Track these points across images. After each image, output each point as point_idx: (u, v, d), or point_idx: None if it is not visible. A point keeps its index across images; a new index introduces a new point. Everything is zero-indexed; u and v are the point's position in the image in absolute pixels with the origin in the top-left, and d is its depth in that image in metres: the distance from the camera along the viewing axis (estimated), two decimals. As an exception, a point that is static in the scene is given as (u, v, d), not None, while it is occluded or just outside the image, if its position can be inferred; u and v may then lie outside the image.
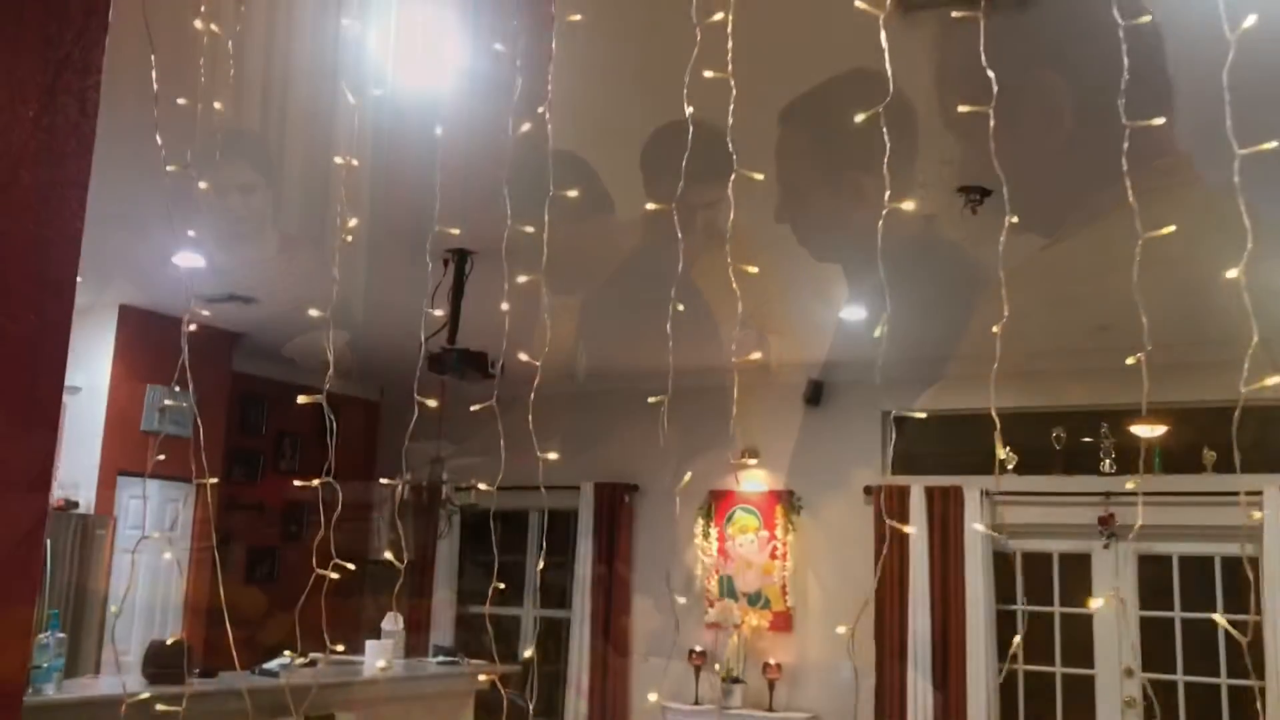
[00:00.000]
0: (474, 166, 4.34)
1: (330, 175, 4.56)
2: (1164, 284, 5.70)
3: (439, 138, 4.02)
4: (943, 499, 7.24)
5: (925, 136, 3.98)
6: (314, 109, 3.93)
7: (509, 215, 2.69)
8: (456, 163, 4.34)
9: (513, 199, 4.27)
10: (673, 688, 7.96)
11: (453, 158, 4.28)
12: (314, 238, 5.48)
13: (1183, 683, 6.67)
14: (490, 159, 4.15)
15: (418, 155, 4.19)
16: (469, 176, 4.47)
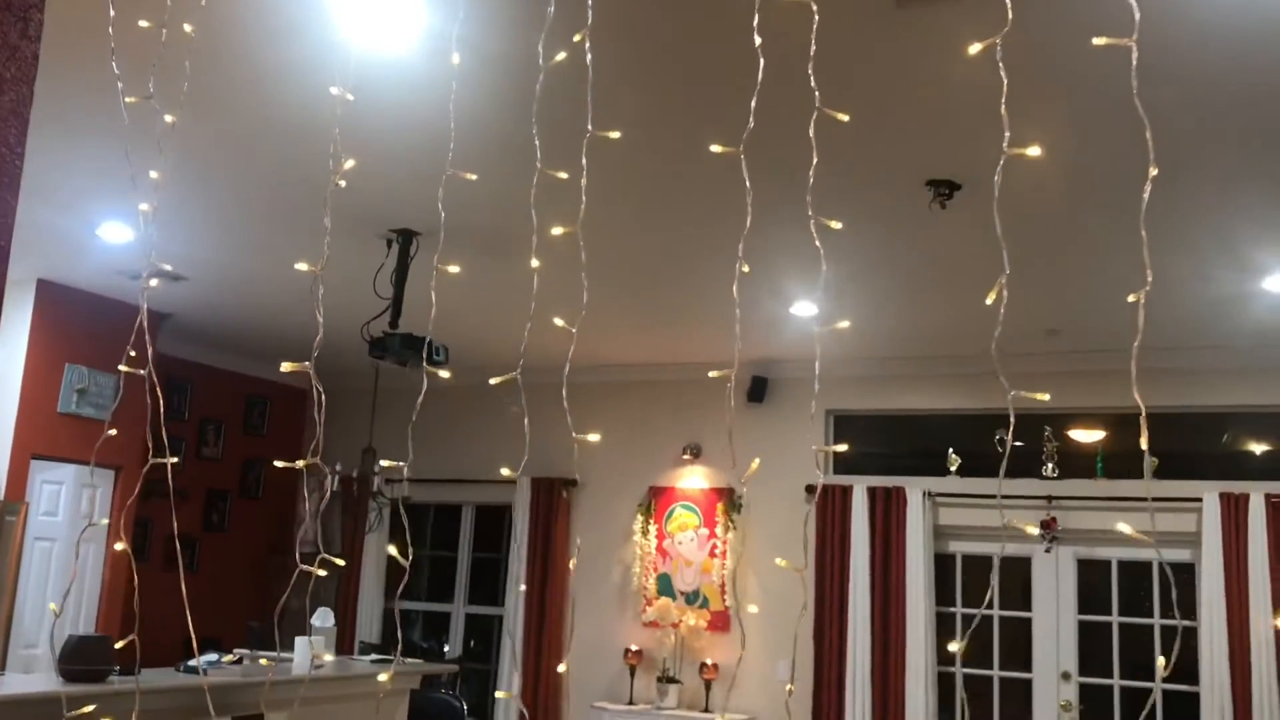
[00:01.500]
0: (420, 144, 4.15)
1: (279, 148, 4.33)
2: (1114, 290, 5.69)
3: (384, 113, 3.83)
4: (885, 499, 7.18)
5: (895, 128, 3.88)
6: (262, 80, 3.71)
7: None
8: (402, 140, 4.15)
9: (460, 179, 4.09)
10: (608, 687, 7.81)
11: (399, 134, 4.09)
12: (256, 213, 5.22)
13: (1119, 687, 6.70)
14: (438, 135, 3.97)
15: (364, 130, 3.99)
16: (414, 154, 4.29)
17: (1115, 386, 6.74)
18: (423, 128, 4.03)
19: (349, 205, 4.95)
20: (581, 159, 2.28)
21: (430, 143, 4.11)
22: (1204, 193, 4.34)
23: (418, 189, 4.69)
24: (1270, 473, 6.59)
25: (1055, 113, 3.68)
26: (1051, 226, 4.78)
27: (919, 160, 4.15)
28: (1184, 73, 3.35)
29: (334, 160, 2.38)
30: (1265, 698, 6.06)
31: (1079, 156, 4.01)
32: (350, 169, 2.74)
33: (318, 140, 4.12)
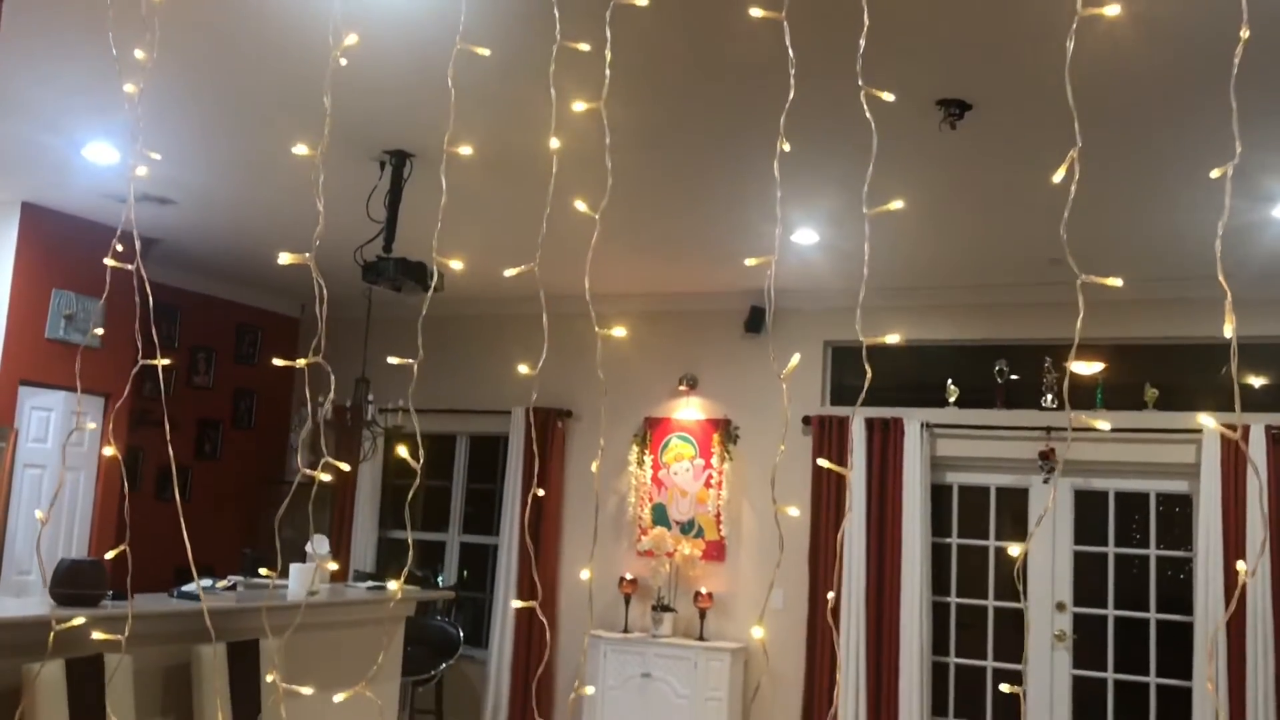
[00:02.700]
0: (414, 59, 4.02)
1: (268, 64, 4.18)
2: (1116, 221, 5.61)
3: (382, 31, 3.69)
4: (882, 430, 7.14)
5: (904, 44, 3.76)
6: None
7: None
8: (398, 58, 4.01)
9: (463, 95, 3.96)
10: (602, 616, 7.83)
11: (394, 53, 3.95)
12: (245, 133, 5.08)
13: (1113, 617, 6.72)
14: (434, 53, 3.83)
15: (359, 47, 3.84)
16: (407, 71, 4.15)
17: (1116, 317, 6.73)
18: (417, 41, 3.89)
19: (340, 126, 4.81)
20: (606, 30, 2.17)
21: (425, 58, 3.98)
22: (1219, 119, 4.23)
23: (411, 108, 4.56)
24: (1271, 405, 6.56)
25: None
26: (1059, 153, 4.66)
27: (929, 78, 4.02)
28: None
29: (333, 35, 2.26)
30: (1259, 630, 6.08)
31: (1091, 79, 3.89)
32: (348, 79, 2.63)
33: (309, 55, 3.98)
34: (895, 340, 2.19)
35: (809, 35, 3.57)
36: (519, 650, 7.89)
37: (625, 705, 7.23)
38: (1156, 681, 6.56)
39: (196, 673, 4.28)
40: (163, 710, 4.38)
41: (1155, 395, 6.69)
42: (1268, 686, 6.02)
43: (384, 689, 5.37)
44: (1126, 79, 3.93)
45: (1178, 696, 6.44)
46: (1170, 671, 6.51)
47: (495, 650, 7.95)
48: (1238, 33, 3.56)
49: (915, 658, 6.79)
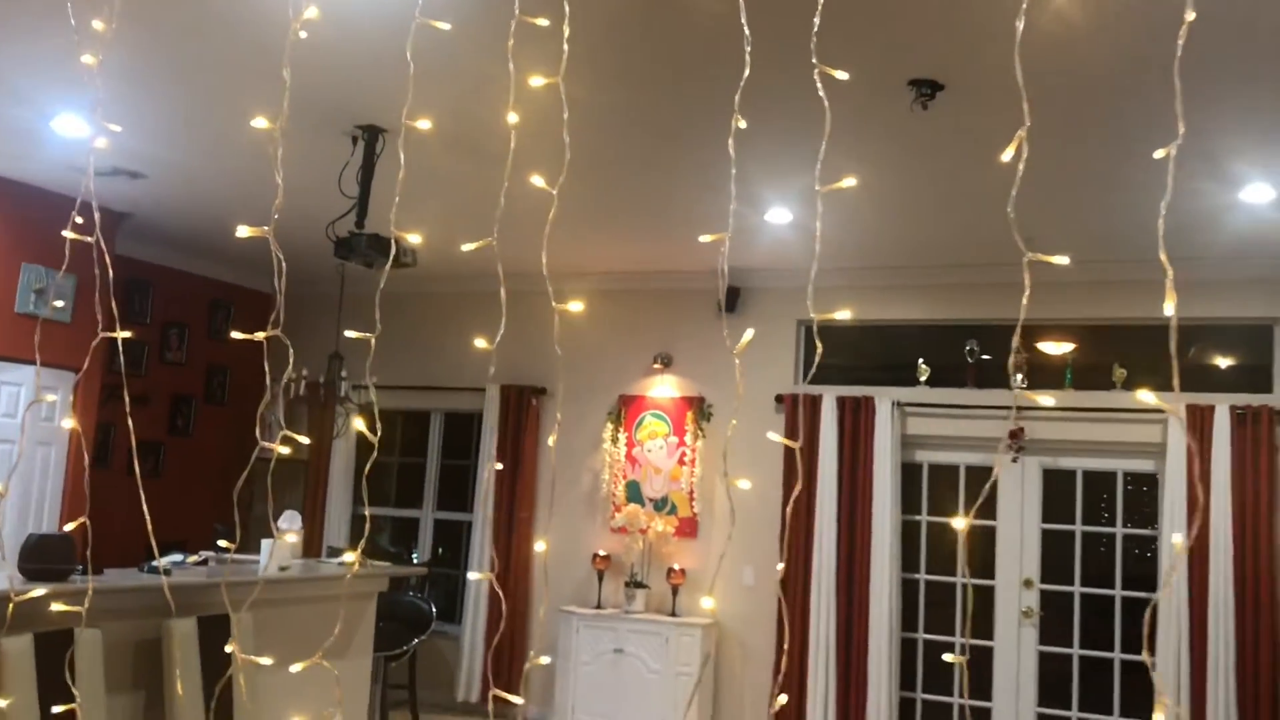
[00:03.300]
0: (386, 33, 3.99)
1: (237, 35, 4.15)
2: (1088, 202, 5.65)
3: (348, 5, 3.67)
4: (854, 409, 7.19)
5: (876, 22, 3.77)
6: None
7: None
8: (369, 32, 3.99)
9: (429, 72, 3.95)
10: (575, 591, 7.87)
11: (365, 27, 3.93)
12: (215, 107, 5.04)
13: (1079, 594, 6.81)
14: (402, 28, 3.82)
15: (328, 18, 3.83)
16: (379, 45, 4.13)
17: (1087, 298, 6.78)
18: (386, 15, 3.87)
19: (313, 100, 4.79)
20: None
21: (395, 32, 3.95)
22: (1186, 103, 4.26)
23: (383, 83, 4.54)
24: (1236, 385, 6.64)
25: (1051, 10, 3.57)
26: (1031, 134, 4.69)
27: (901, 58, 4.04)
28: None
29: (293, 8, 2.25)
30: (1221, 607, 6.17)
31: (1065, 58, 3.91)
32: (318, 54, 2.62)
33: (276, 28, 3.95)
34: (846, 316, 2.22)
35: (780, 13, 3.59)
36: (492, 625, 7.93)
37: (598, 680, 7.29)
38: (1120, 657, 6.66)
39: (166, 647, 4.29)
40: (134, 685, 4.39)
41: (1123, 375, 6.76)
42: (1228, 661, 6.12)
43: (356, 664, 5.39)
44: (1095, 62, 3.96)
45: (1141, 671, 6.54)
46: (1134, 647, 6.61)
47: (469, 625, 7.98)
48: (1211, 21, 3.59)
49: (884, 633, 6.86)
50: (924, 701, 7.07)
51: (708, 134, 4.93)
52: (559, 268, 7.95)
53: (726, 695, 7.40)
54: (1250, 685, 6.10)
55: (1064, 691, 6.77)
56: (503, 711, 7.95)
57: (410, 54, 2.27)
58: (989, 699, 6.90)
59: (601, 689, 7.23)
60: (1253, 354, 6.71)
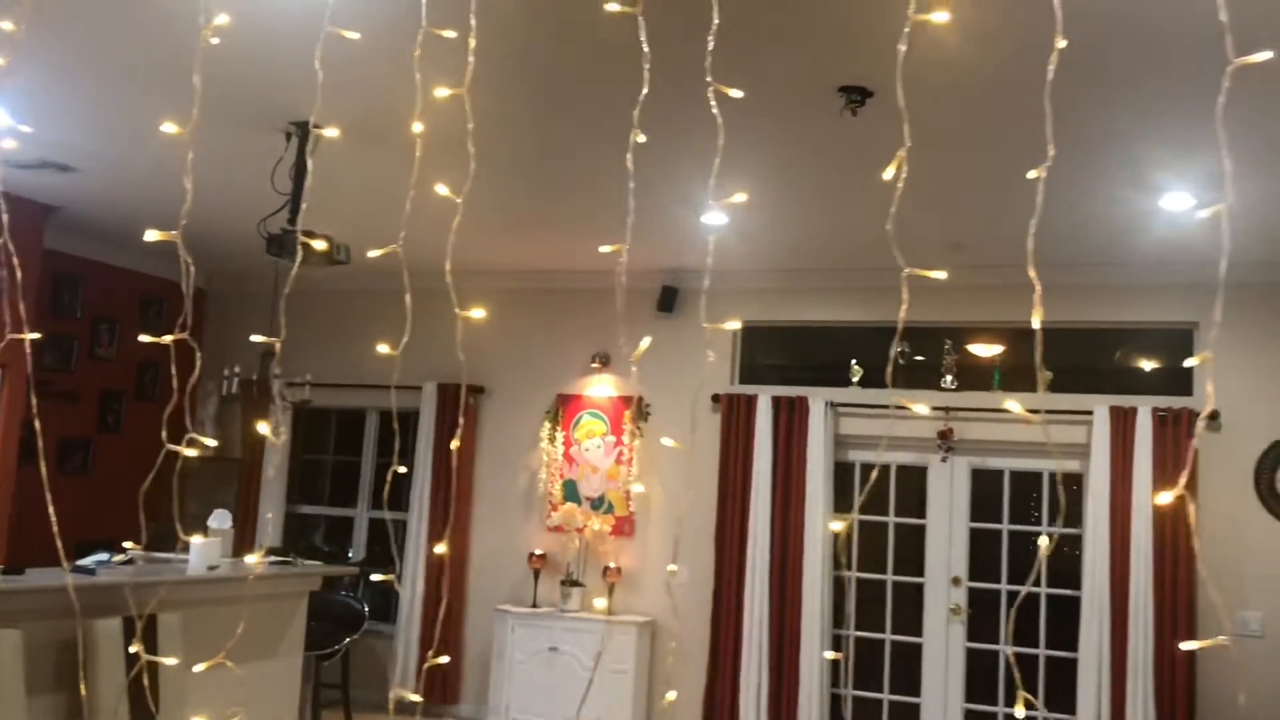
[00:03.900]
0: (312, 33, 3.96)
1: (166, 30, 4.11)
2: (1016, 206, 5.76)
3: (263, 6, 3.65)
4: (788, 409, 7.27)
5: (806, 32, 3.83)
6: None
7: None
8: (295, 29, 3.97)
9: (370, 70, 3.94)
10: (511, 591, 7.88)
11: (291, 23, 3.91)
12: (145, 101, 4.98)
13: (1005, 591, 6.95)
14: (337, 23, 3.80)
15: (260, 17, 3.81)
16: (307, 43, 4.10)
17: (1015, 301, 6.89)
18: (309, 13, 3.85)
19: (245, 96, 4.76)
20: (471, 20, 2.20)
21: (318, 31, 3.94)
22: (1115, 113, 4.38)
23: (313, 79, 4.50)
24: (1158, 387, 6.82)
25: (974, 17, 3.65)
26: (958, 139, 4.80)
27: (831, 66, 4.10)
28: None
29: (204, 14, 2.25)
30: (1141, 603, 6.34)
31: (985, 66, 4.00)
32: (247, 49, 2.61)
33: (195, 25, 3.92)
34: (735, 327, 2.27)
35: (704, 21, 3.63)
36: (427, 625, 7.91)
37: (533, 678, 7.30)
38: (1045, 654, 6.80)
39: (88, 648, 4.24)
40: (56, 687, 4.33)
41: (1050, 378, 6.91)
42: (1147, 657, 6.29)
43: (286, 663, 5.36)
44: (1016, 72, 4.05)
45: (1065, 667, 6.69)
46: (1058, 644, 6.76)
47: (404, 625, 7.95)
48: (1132, 33, 3.70)
49: (816, 630, 6.95)
50: (855, 698, 7.17)
51: (627, 137, 4.93)
52: (495, 265, 7.95)
53: (660, 692, 7.45)
54: (1168, 679, 6.27)
55: (991, 687, 6.90)
56: (436, 711, 7.94)
57: (319, 62, 2.28)
58: (918, 695, 7.02)
59: (536, 687, 7.24)
60: (1174, 357, 6.90)
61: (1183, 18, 3.50)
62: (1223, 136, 1.97)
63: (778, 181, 5.59)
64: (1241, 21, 2.05)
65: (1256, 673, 6.30)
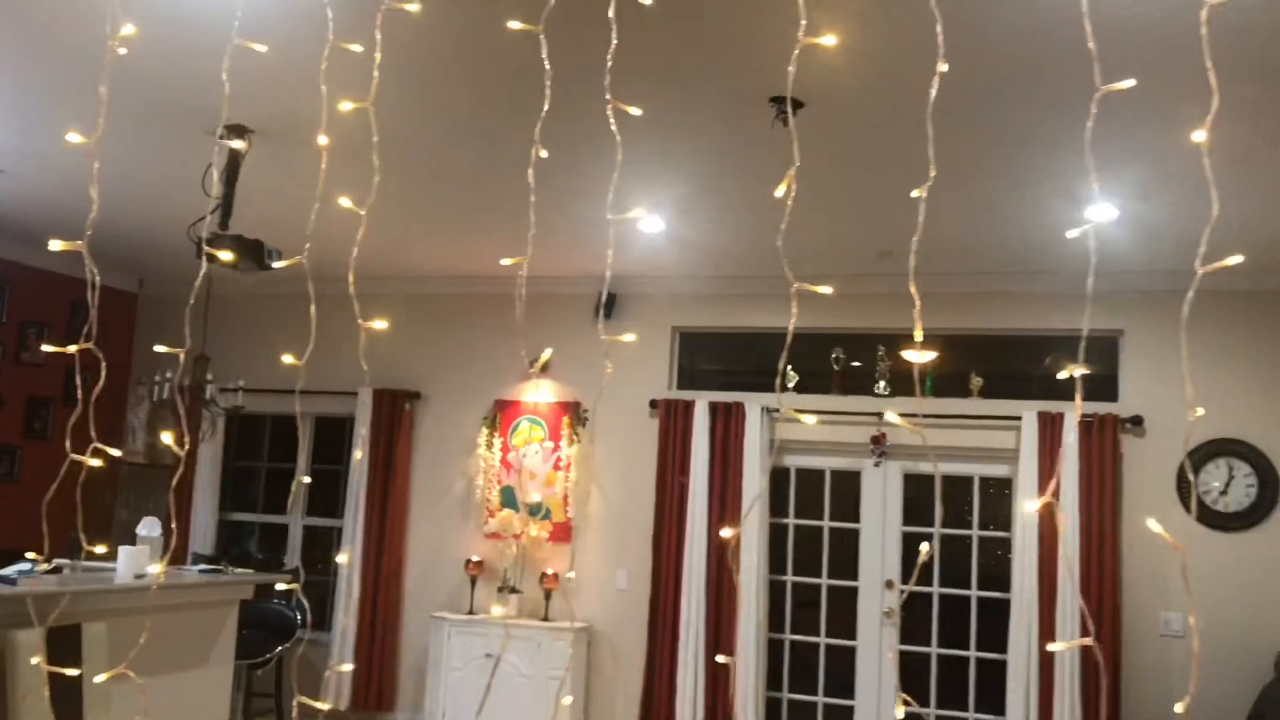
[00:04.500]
0: (256, 35, 3.94)
1: (91, 32, 4.05)
2: (947, 215, 5.86)
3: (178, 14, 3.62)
4: (725, 414, 7.33)
5: (736, 44, 3.88)
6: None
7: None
8: (224, 34, 3.93)
9: (302, 72, 3.93)
10: (448, 598, 7.84)
11: (221, 28, 3.88)
12: (69, 107, 4.91)
13: (937, 594, 7.05)
14: (266, 28, 3.78)
15: (193, 19, 3.78)
16: (242, 47, 4.06)
17: (947, 309, 7.04)
18: (248, 20, 3.83)
19: (176, 100, 4.71)
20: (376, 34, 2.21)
21: (261, 35, 3.92)
22: (1043, 125, 4.47)
23: (250, 84, 4.48)
24: (1085, 394, 6.96)
25: (890, 31, 3.71)
26: (886, 148, 4.87)
27: (760, 76, 4.15)
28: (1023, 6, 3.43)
29: (110, 23, 2.24)
30: (1067, 605, 6.47)
31: (912, 80, 4.07)
32: (180, 51, 2.59)
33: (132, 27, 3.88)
34: (631, 339, 2.30)
35: (637, 31, 3.67)
36: (363, 633, 7.84)
37: (468, 686, 7.27)
38: (976, 655, 6.92)
39: (10, 659, 4.16)
40: (-23, 698, 4.24)
41: (980, 384, 7.04)
42: (1074, 658, 6.42)
43: (217, 672, 5.30)
44: (946, 85, 4.13)
45: (994, 669, 6.81)
46: (988, 645, 6.88)
47: (338, 633, 7.88)
48: (1057, 47, 3.78)
49: (752, 634, 7.00)
50: (790, 701, 7.24)
51: (567, 142, 4.96)
52: (435, 270, 7.92)
53: (598, 698, 7.46)
54: (1093, 680, 6.40)
55: (923, 688, 7.00)
56: (369, 718, 7.88)
57: (226, 74, 2.27)
58: (851, 697, 7.10)
59: (472, 695, 7.21)
60: (1100, 364, 7.04)
61: (1105, 34, 3.60)
62: (1090, 161, 2.03)
63: (712, 189, 5.64)
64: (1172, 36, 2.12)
65: (1179, 672, 6.45)
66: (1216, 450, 6.55)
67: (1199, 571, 6.51)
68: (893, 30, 3.70)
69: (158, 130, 5.13)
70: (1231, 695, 6.30)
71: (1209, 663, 6.41)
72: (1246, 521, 6.49)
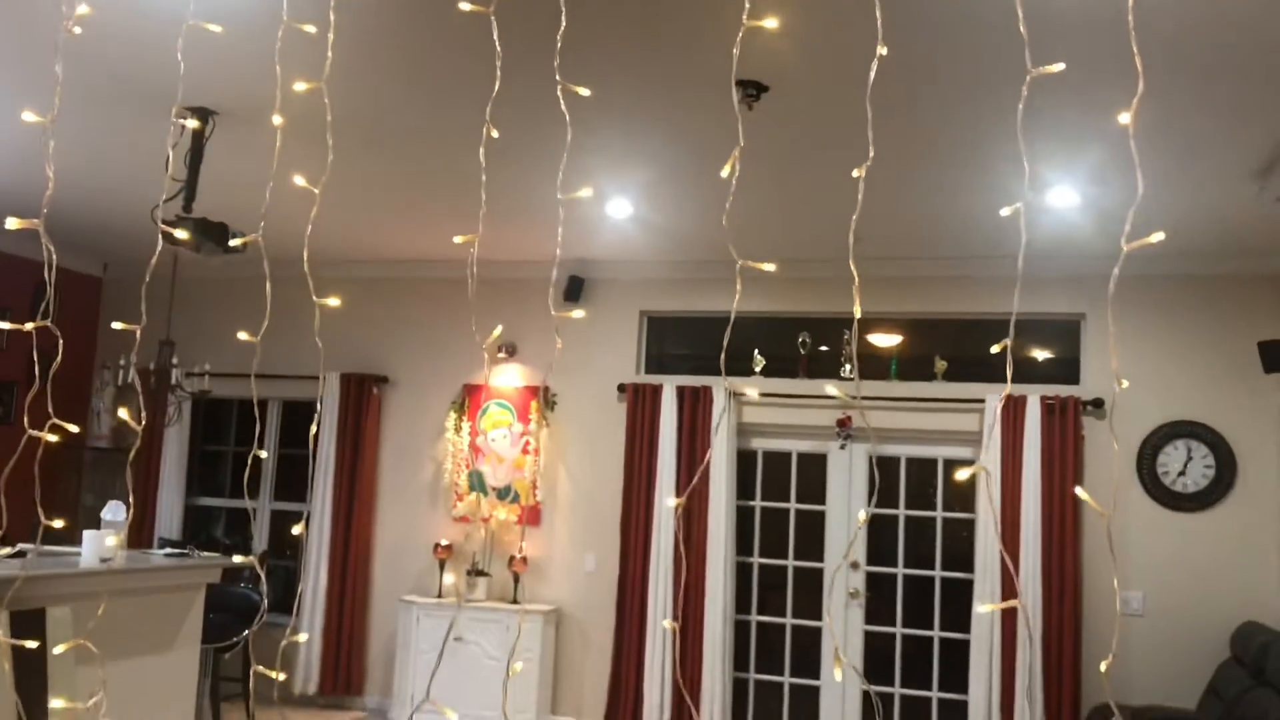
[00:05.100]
0: (212, 18, 3.92)
1: (47, 12, 4.02)
2: (914, 201, 5.91)
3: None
4: (693, 398, 7.37)
5: (700, 28, 3.89)
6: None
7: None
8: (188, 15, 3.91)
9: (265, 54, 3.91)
10: (416, 581, 7.86)
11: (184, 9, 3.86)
12: (29, 85, 4.86)
13: (902, 575, 7.13)
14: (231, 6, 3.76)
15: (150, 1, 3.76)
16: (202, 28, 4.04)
17: (911, 293, 7.11)
18: (206, 1, 3.82)
19: (139, 83, 4.68)
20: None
21: (218, 17, 3.90)
22: (1003, 109, 4.51)
23: (213, 65, 4.46)
24: (1047, 377, 7.05)
25: (843, 15, 3.74)
26: (849, 133, 4.90)
27: (726, 61, 4.17)
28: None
29: (66, 3, 2.23)
30: (1030, 584, 6.57)
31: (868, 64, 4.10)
32: (141, 31, 2.58)
33: (97, 9, 3.85)
34: (580, 315, 2.34)
35: (596, 17, 3.68)
36: (330, 617, 7.84)
37: (438, 668, 7.29)
38: (940, 635, 7.01)
39: (-25, 642, 4.14)
40: (-60, 682, 4.22)
41: (944, 367, 7.11)
42: (1036, 634, 6.52)
43: (183, 656, 5.29)
44: (915, 83, 4.17)
45: (958, 648, 6.90)
46: (952, 625, 6.97)
47: (306, 617, 7.88)
48: (1014, 32, 3.82)
49: (719, 616, 7.06)
50: (756, 681, 7.31)
51: (530, 124, 4.96)
52: (400, 254, 7.90)
53: (566, 680, 7.51)
54: (1054, 656, 6.51)
55: (888, 668, 7.08)
56: (340, 703, 7.89)
57: (180, 55, 2.28)
58: (817, 677, 7.18)
59: (441, 677, 7.23)
60: (1062, 347, 7.14)
61: (1061, 17, 3.64)
62: (1023, 143, 2.08)
63: (678, 174, 5.66)
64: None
65: (1137, 650, 6.56)
66: (1175, 432, 6.66)
67: (1157, 552, 6.62)
68: (845, 14, 3.73)
69: (121, 113, 5.09)
70: (1189, 672, 6.42)
71: (1167, 640, 6.53)
72: (1204, 502, 6.60)
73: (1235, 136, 4.70)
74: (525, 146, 5.30)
